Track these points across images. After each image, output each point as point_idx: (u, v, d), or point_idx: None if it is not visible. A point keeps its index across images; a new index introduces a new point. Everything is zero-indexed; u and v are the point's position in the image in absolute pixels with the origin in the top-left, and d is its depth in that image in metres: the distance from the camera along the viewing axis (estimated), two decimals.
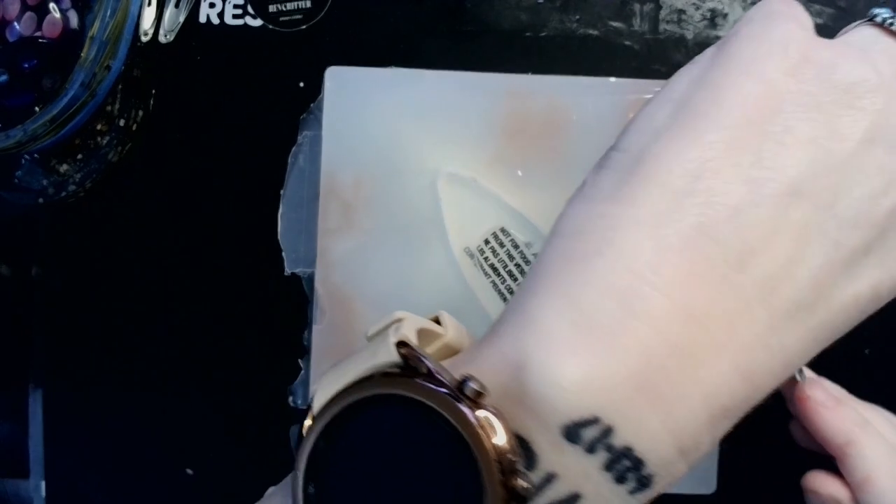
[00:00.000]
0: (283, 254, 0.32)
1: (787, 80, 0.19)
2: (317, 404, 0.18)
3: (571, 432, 0.17)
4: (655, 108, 0.21)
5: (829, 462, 0.25)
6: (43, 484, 0.34)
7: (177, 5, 0.34)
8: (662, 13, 0.32)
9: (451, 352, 0.21)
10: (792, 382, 0.25)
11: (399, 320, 0.20)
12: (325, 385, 0.18)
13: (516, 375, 0.18)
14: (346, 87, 0.31)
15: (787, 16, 0.21)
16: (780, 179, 0.18)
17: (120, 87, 0.33)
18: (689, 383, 0.18)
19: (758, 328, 0.18)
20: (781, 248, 0.18)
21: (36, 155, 0.33)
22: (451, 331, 0.21)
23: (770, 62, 0.19)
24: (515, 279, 0.30)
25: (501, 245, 0.30)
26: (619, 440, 0.17)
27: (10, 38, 0.32)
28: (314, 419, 0.18)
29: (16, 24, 0.32)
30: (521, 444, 0.17)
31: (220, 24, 0.33)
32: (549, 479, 0.17)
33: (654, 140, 0.20)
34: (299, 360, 0.32)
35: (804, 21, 0.21)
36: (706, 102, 0.19)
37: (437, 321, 0.22)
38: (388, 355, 0.17)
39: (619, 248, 0.18)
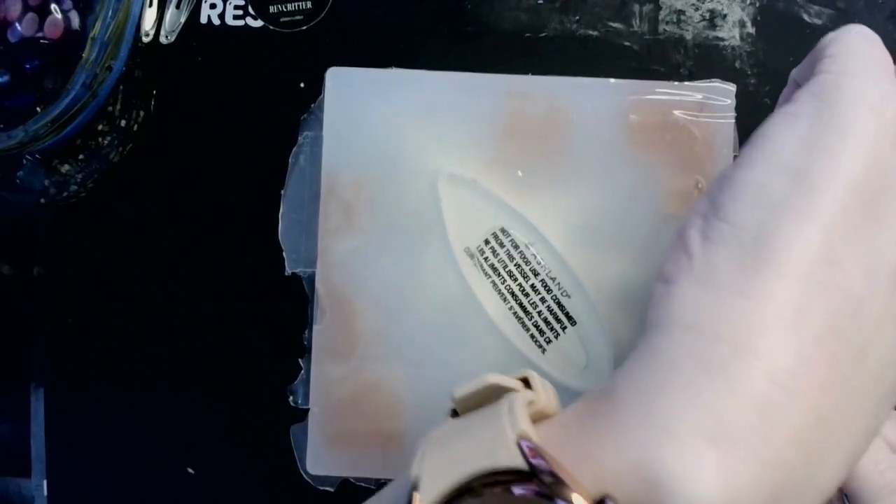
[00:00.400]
0: (284, 254, 0.32)
1: (890, 153, 0.18)
2: (427, 498, 0.17)
3: None
4: (764, 175, 0.19)
5: None
6: (45, 483, 0.34)
7: (178, 6, 0.34)
8: (662, 14, 0.32)
9: (542, 416, 0.20)
10: None
11: (506, 391, 0.19)
12: (434, 470, 0.17)
13: (648, 488, 0.16)
14: (346, 88, 0.31)
15: (881, 67, 0.20)
16: (888, 265, 0.18)
17: (121, 87, 0.33)
18: (812, 487, 0.17)
19: (866, 419, 0.18)
20: (888, 338, 0.18)
21: (38, 155, 0.33)
22: (542, 394, 0.20)
23: (875, 132, 0.19)
24: (515, 279, 0.30)
25: (501, 245, 0.31)
26: None
27: (12, 39, 0.32)
28: None
29: (17, 24, 0.32)
30: None
31: (220, 24, 0.34)
32: None
33: (771, 216, 0.18)
34: (299, 360, 0.32)
35: (890, 67, 0.20)
36: (824, 174, 0.18)
37: (524, 380, 0.20)
38: (511, 459, 0.16)
39: (759, 355, 0.17)
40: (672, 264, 0.20)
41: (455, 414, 0.21)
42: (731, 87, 0.30)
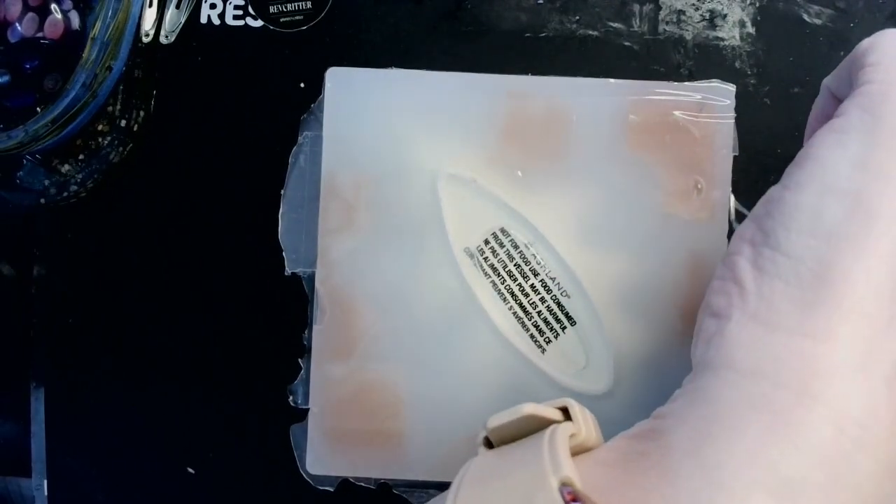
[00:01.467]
0: (284, 254, 0.32)
1: None
2: None
3: None
4: (816, 200, 0.18)
5: None
6: (45, 483, 0.34)
7: (178, 6, 0.34)
8: (662, 14, 0.32)
9: (582, 449, 0.19)
10: None
11: (544, 422, 0.18)
12: None
13: None
14: (346, 88, 0.31)
15: None
16: None
17: (121, 87, 0.33)
18: None
19: None
20: None
21: (38, 155, 0.33)
22: (582, 425, 0.19)
23: None
24: (515, 279, 0.30)
25: (501, 245, 0.31)
26: None
27: (12, 39, 0.32)
28: None
29: (17, 24, 0.32)
30: None
31: (220, 24, 0.34)
32: None
33: (830, 247, 0.17)
34: (299, 360, 0.32)
35: None
36: (881, 201, 0.17)
37: (563, 409, 0.19)
38: None
39: (826, 402, 0.16)
40: (721, 297, 0.18)
41: (489, 443, 0.19)
42: (731, 88, 0.30)
